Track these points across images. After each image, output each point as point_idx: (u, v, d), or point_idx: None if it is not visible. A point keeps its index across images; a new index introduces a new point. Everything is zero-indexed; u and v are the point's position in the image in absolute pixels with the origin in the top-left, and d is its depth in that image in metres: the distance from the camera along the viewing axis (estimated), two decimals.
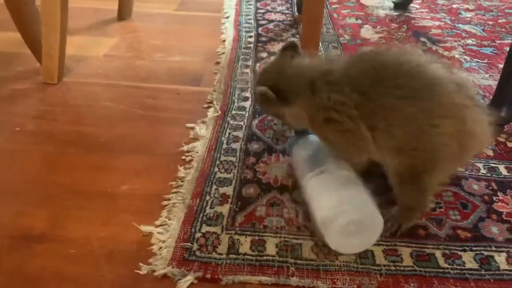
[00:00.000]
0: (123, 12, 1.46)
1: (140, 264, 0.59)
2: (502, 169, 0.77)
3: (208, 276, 0.57)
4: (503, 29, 1.44)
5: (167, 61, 1.19)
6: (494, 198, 0.71)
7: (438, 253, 0.61)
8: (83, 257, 0.60)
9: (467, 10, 1.60)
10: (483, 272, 0.58)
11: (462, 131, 0.58)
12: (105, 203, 0.70)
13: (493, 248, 0.62)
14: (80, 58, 1.18)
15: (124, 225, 0.65)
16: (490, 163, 0.79)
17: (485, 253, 0.61)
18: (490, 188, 0.73)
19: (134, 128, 0.90)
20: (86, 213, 0.68)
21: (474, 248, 0.62)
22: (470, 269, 0.59)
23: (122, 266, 0.59)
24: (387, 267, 0.59)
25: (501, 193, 0.72)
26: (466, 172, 0.76)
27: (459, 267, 0.59)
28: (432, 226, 0.65)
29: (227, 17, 1.49)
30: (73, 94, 1.02)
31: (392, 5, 1.63)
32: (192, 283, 0.57)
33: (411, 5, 1.65)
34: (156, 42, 1.31)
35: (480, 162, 0.79)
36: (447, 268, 0.58)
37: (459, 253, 0.61)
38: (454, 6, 1.65)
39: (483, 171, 0.77)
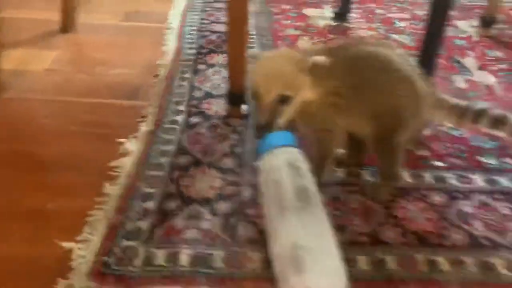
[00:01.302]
0: (67, 24, 1.47)
1: (58, 279, 0.63)
2: (406, 176, 0.85)
3: None
4: None
5: (108, 74, 1.22)
6: (395, 204, 0.78)
7: None
8: (3, 275, 0.64)
9: (402, 19, 1.69)
10: (375, 274, 0.65)
11: (416, 95, 0.75)
12: (33, 222, 0.73)
13: (387, 252, 0.69)
14: (19, 73, 1.20)
15: (47, 242, 0.69)
16: None
17: (379, 256, 0.68)
18: (392, 194, 0.80)
19: (67, 145, 0.93)
20: (11, 233, 0.71)
21: (369, 252, 0.68)
22: (363, 271, 0.65)
23: (41, 283, 0.62)
24: None
25: (402, 199, 0.79)
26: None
27: (353, 269, 0.65)
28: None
29: (170, 28, 1.53)
30: (9, 110, 1.04)
31: (332, 15, 1.71)
32: None
33: (351, 15, 1.73)
34: (99, 55, 1.33)
35: None
36: None
37: (357, 257, 0.68)
38: (390, 15, 1.74)
39: None
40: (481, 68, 1.33)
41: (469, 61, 1.38)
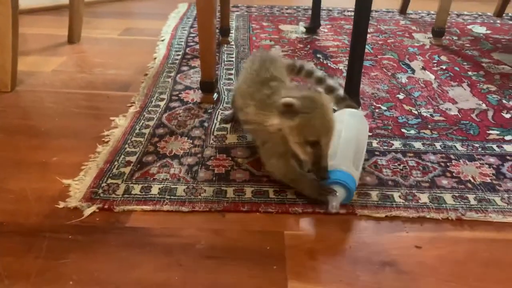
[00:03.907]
0: (73, 37, 1.73)
1: (59, 201, 0.83)
2: None
3: (106, 206, 0.82)
4: (388, 47, 1.78)
5: (104, 73, 1.45)
6: None
7: (271, 190, 0.88)
8: (19, 199, 0.85)
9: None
10: (297, 200, 0.85)
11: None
12: (40, 169, 0.94)
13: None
14: (31, 73, 1.43)
15: (52, 180, 0.90)
16: None
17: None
18: None
19: (69, 121, 1.15)
20: (24, 175, 0.92)
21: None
22: (289, 198, 0.86)
23: (46, 204, 0.83)
24: (233, 198, 0.85)
25: None
26: None
27: (282, 197, 0.86)
28: None
29: (162, 40, 1.78)
30: (22, 99, 1.27)
31: (304, 30, 1.96)
32: (94, 212, 0.81)
33: (321, 29, 1.98)
34: (98, 60, 1.58)
35: None
36: (273, 198, 0.85)
37: (287, 190, 0.88)
38: None
39: None
40: (424, 68, 1.55)
41: (416, 63, 1.61)
